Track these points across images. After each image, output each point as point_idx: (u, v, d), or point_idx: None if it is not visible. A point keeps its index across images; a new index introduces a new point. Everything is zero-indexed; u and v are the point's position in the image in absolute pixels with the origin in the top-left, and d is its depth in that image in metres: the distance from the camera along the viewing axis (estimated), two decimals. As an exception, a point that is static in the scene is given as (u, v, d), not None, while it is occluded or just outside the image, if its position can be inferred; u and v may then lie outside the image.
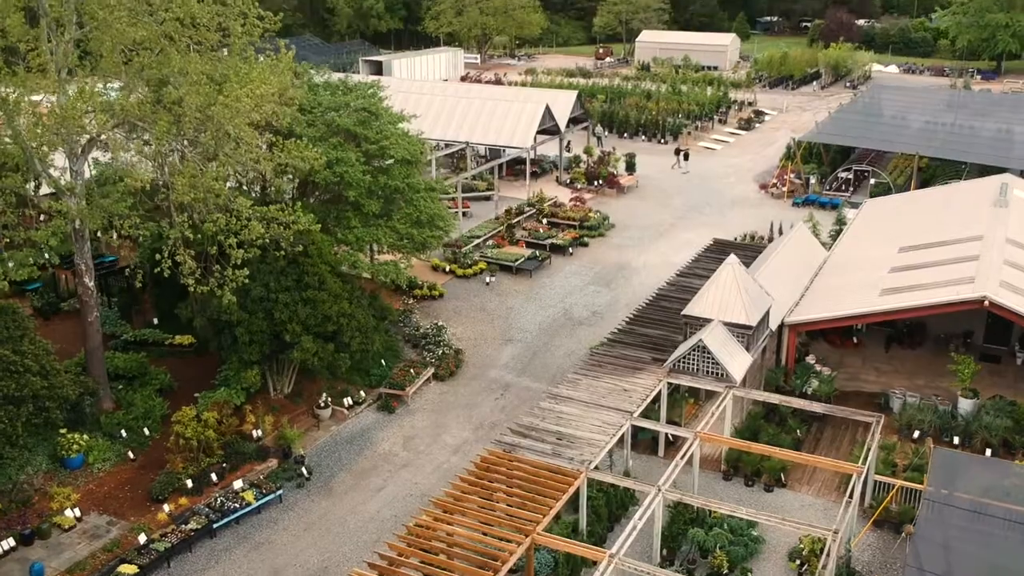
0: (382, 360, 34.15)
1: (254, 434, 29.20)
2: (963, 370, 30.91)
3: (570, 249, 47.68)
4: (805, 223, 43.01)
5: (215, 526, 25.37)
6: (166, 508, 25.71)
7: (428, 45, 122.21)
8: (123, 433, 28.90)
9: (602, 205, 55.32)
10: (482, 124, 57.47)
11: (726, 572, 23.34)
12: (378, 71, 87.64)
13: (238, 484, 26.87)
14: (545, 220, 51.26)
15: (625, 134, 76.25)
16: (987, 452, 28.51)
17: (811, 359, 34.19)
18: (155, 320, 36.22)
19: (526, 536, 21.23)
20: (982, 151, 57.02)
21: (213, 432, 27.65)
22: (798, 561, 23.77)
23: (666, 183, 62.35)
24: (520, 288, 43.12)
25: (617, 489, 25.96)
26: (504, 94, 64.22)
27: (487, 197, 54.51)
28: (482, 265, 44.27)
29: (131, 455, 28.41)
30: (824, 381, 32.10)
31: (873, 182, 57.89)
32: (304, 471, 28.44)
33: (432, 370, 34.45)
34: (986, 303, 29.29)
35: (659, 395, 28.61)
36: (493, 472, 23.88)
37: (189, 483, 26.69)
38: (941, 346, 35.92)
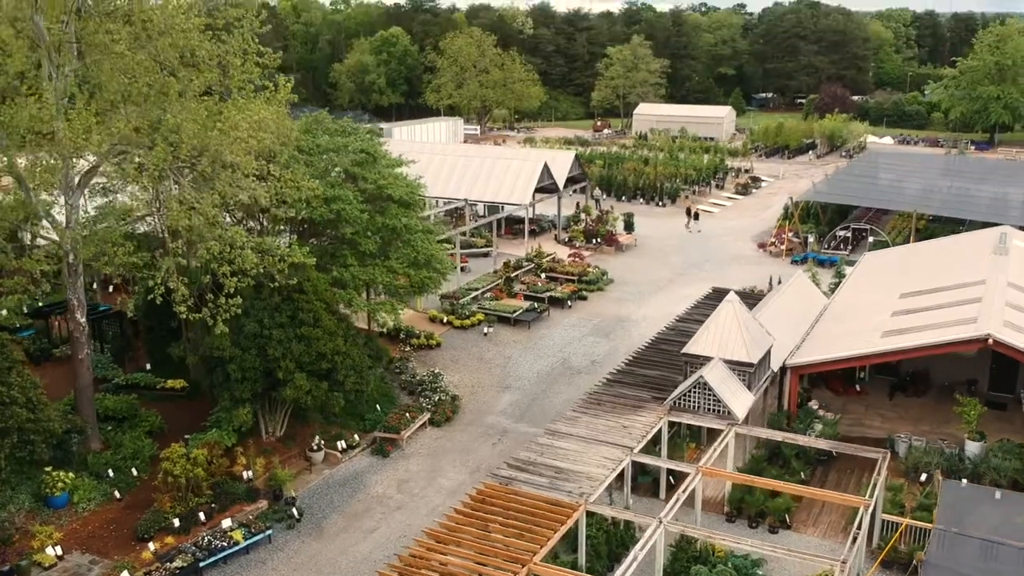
0: (377, 405, 33.58)
1: (245, 475, 28.46)
2: (969, 411, 30.31)
3: (569, 302, 47.38)
4: (805, 272, 42.79)
5: (201, 565, 24.54)
6: (151, 547, 24.88)
7: (429, 116, 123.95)
8: (110, 473, 28.19)
9: (601, 262, 55.22)
10: (481, 181, 57.73)
11: (731, 611, 22.48)
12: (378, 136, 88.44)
13: (227, 523, 26.08)
14: (544, 274, 51.09)
15: (623, 197, 76.67)
16: (996, 495, 27.75)
17: (814, 404, 33.59)
18: (148, 366, 35.71)
19: (522, 566, 20.45)
20: (980, 209, 57.21)
21: (202, 471, 26.94)
22: (805, 600, 22.92)
23: (665, 242, 62.40)
24: (518, 339, 42.69)
25: (617, 527, 25.20)
26: (503, 153, 64.89)
27: (485, 254, 54.46)
28: (480, 316, 43.93)
29: (117, 494, 27.65)
30: (828, 424, 31.45)
31: (872, 240, 57.90)
32: (295, 512, 27.66)
33: (428, 415, 33.83)
34: (990, 341, 28.87)
35: (659, 434, 27.98)
36: (489, 504, 23.16)
37: (176, 522, 25.88)
38: (945, 394, 35.33)
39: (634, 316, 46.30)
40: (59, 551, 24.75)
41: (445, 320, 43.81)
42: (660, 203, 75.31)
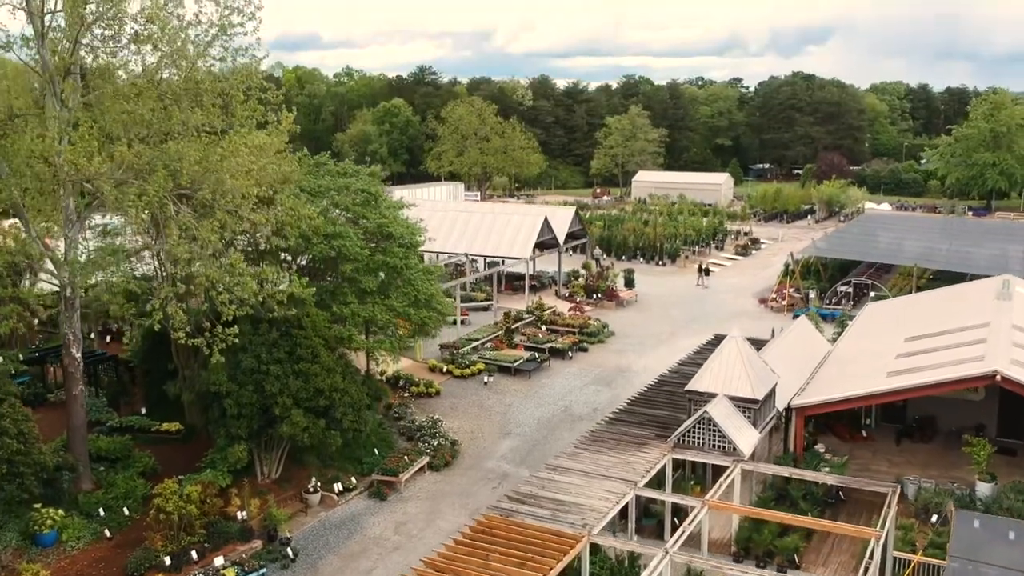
0: (375, 449, 32.99)
1: (239, 515, 27.75)
2: (979, 452, 29.75)
3: (569, 353, 46.99)
4: (807, 319, 42.52)
5: (192, 602, 23.76)
6: (141, 584, 24.15)
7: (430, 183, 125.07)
8: (101, 512, 27.51)
9: (601, 316, 54.95)
10: (481, 236, 57.83)
11: (741, 648, 21.63)
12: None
13: (219, 561, 25.39)
14: (544, 326, 50.78)
15: (623, 256, 76.76)
16: (1011, 535, 27.00)
17: (820, 447, 32.99)
18: (143, 410, 35.23)
19: (524, 595, 19.75)
20: (980, 264, 57.19)
21: (196, 509, 26.28)
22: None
23: (666, 298, 62.23)
24: (519, 387, 42.20)
25: (622, 565, 24.44)
26: (503, 208, 65.11)
27: (485, 307, 54.25)
28: (480, 366, 43.53)
29: (107, 533, 26.94)
30: (835, 467, 30.80)
31: (873, 295, 57.72)
32: (290, 552, 26.91)
33: (427, 459, 33.19)
34: (998, 377, 28.46)
35: (663, 472, 27.37)
36: (489, 535, 22.49)
37: (167, 560, 25.16)
38: (953, 440, 34.72)
39: (635, 367, 45.86)
40: (45, 588, 24.00)
41: (445, 369, 43.40)
42: (660, 262, 75.43)
